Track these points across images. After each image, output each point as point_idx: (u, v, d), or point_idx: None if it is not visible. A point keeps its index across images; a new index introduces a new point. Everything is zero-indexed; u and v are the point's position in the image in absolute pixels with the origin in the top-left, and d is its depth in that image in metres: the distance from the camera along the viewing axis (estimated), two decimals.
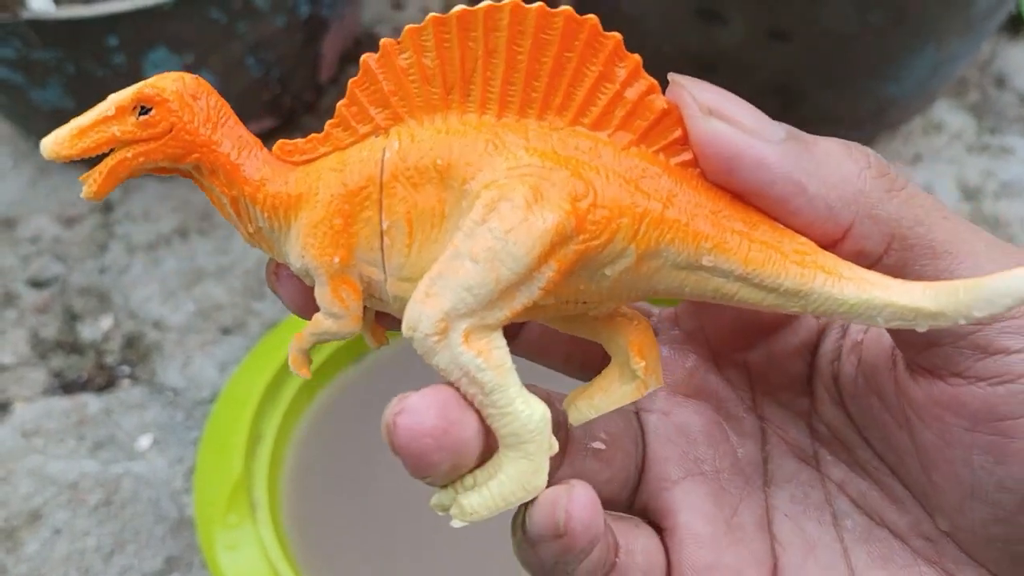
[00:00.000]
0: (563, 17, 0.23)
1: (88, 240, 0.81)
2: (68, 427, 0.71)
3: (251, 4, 0.72)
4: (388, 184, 0.23)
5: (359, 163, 0.24)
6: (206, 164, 0.24)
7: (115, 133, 0.23)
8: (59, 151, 0.23)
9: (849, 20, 0.69)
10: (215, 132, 0.24)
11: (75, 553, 0.66)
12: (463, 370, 0.23)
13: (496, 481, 0.23)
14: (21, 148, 0.87)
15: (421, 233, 0.24)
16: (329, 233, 0.24)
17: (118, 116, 0.23)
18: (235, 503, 0.58)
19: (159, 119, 0.23)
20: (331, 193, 0.24)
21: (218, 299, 0.77)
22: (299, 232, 0.24)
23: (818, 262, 0.24)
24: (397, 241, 0.24)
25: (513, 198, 0.22)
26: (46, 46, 0.69)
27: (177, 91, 0.24)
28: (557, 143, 0.23)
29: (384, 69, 0.24)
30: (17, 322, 0.77)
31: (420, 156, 0.23)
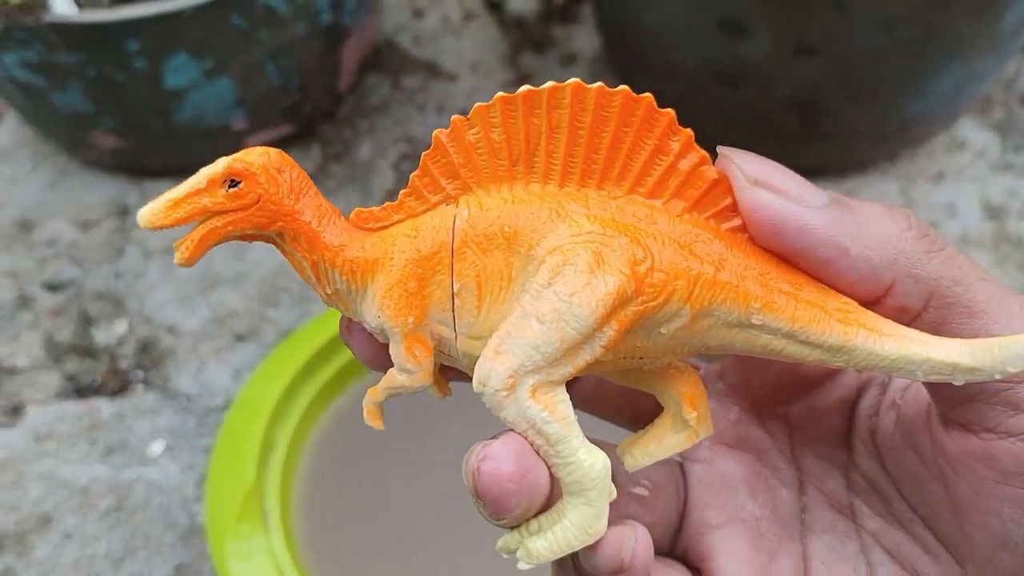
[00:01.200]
0: (621, 95, 0.25)
1: (104, 244, 0.81)
2: (80, 431, 0.71)
3: (272, 11, 0.72)
4: (459, 250, 0.25)
5: (431, 230, 0.26)
6: (289, 232, 0.26)
7: (206, 204, 0.25)
8: (155, 222, 0.25)
9: (875, 36, 0.69)
10: (297, 202, 0.26)
11: (85, 559, 0.65)
12: (530, 423, 0.25)
13: (561, 526, 0.25)
14: (41, 151, 0.87)
15: (489, 295, 0.26)
16: (404, 295, 0.25)
17: (209, 188, 0.25)
18: (247, 512, 0.58)
19: (247, 191, 0.25)
20: (406, 258, 0.26)
21: (233, 306, 0.77)
22: (375, 294, 0.26)
23: (860, 320, 0.25)
24: (467, 302, 0.26)
25: (577, 263, 0.24)
26: (68, 50, 0.69)
27: (263, 165, 0.25)
28: (616, 211, 0.26)
29: (454, 143, 0.26)
30: (32, 325, 0.76)
31: (488, 224, 0.25)
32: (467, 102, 0.91)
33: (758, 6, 0.69)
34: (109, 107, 0.75)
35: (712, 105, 0.80)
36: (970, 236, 0.81)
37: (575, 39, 0.96)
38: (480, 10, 0.98)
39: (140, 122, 0.77)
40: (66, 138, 0.83)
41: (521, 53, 0.94)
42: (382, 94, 0.92)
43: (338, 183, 0.84)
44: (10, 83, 0.74)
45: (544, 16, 0.97)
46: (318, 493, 0.62)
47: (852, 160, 0.84)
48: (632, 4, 0.79)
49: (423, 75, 0.93)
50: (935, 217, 0.82)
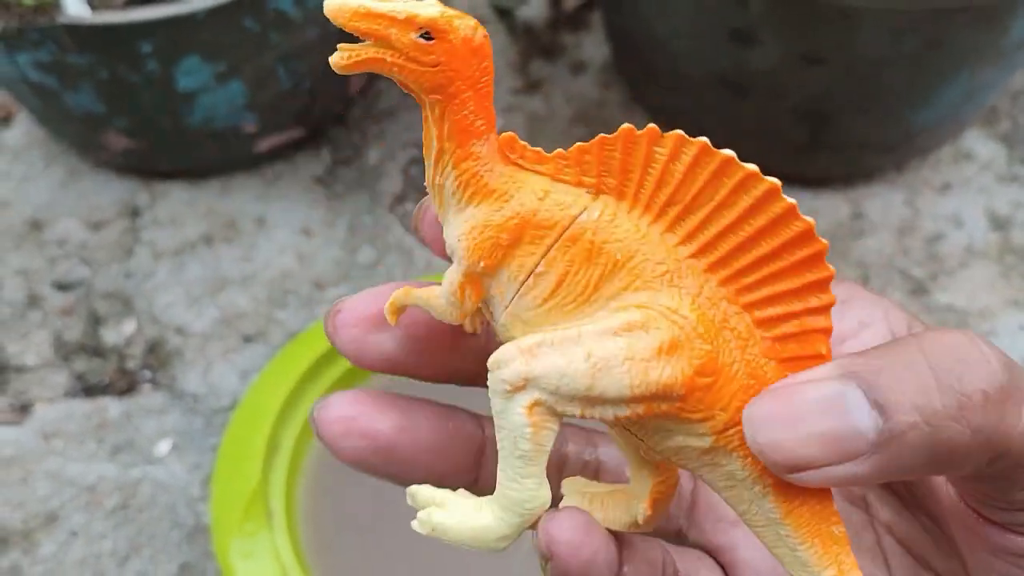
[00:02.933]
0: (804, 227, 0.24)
1: (114, 244, 0.81)
2: (88, 430, 0.71)
3: (284, 15, 0.73)
4: (566, 240, 0.24)
5: (558, 206, 0.24)
6: (442, 110, 0.24)
7: (391, 35, 0.23)
8: (338, 14, 0.23)
9: (883, 46, 0.69)
10: (467, 91, 0.24)
11: (91, 556, 0.66)
12: (510, 428, 0.24)
13: (470, 519, 0.25)
14: (52, 151, 0.88)
15: (562, 297, 0.24)
16: (491, 240, 0.24)
17: (403, 24, 0.23)
18: (252, 511, 0.58)
19: (432, 51, 0.23)
20: (518, 211, 0.24)
21: (241, 307, 0.77)
22: (471, 219, 0.24)
23: (839, 558, 0.25)
24: (538, 288, 0.24)
25: (652, 336, 0.23)
26: (80, 51, 0.69)
27: (464, 39, 0.24)
28: (721, 315, 0.24)
29: (631, 148, 0.24)
30: (41, 324, 0.77)
31: (606, 240, 0.24)
32: None
33: (766, 16, 0.70)
34: (121, 108, 0.76)
35: (720, 114, 0.80)
36: (975, 247, 0.81)
37: (584, 47, 0.96)
38: (490, 17, 0.99)
39: (151, 123, 0.78)
40: (78, 139, 0.84)
41: (530, 60, 0.95)
42: (392, 99, 0.92)
43: (347, 187, 0.85)
44: (23, 83, 0.74)
45: (553, 24, 0.98)
46: (322, 493, 0.63)
47: (859, 170, 0.85)
48: (641, 13, 0.79)
49: None
50: (941, 227, 0.83)
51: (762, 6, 0.69)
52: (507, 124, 0.90)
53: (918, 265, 0.80)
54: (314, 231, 0.82)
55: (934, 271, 0.80)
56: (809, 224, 0.23)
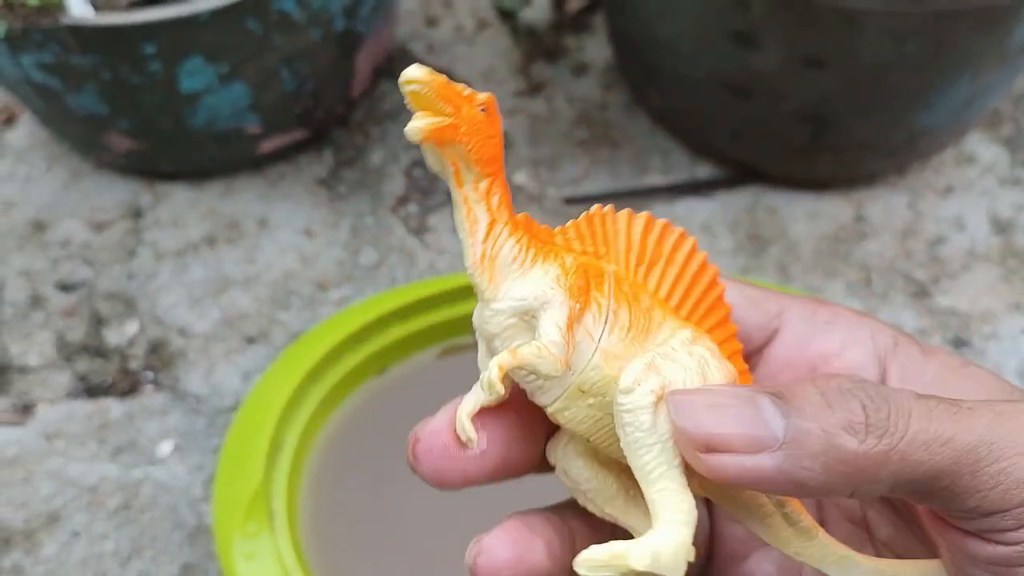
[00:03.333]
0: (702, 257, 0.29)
1: (117, 245, 0.82)
2: (90, 431, 0.71)
3: (287, 16, 0.73)
4: (616, 283, 0.27)
5: (590, 263, 0.27)
6: (492, 182, 0.26)
7: (462, 108, 0.25)
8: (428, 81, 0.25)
9: (885, 49, 0.69)
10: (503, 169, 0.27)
11: (92, 557, 0.66)
12: (662, 437, 0.26)
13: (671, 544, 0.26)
14: (55, 152, 0.88)
15: (637, 327, 0.27)
16: (579, 282, 0.26)
17: (469, 100, 0.25)
18: (254, 512, 0.58)
19: (493, 123, 0.26)
20: (577, 263, 0.27)
21: (244, 308, 0.77)
22: (548, 272, 0.26)
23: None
24: (620, 322, 0.27)
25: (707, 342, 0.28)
26: (84, 52, 0.69)
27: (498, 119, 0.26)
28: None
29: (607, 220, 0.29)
30: (44, 324, 0.77)
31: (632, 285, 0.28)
32: None
33: (768, 19, 0.70)
34: (124, 109, 0.76)
35: (722, 116, 0.80)
36: (977, 250, 0.81)
37: (587, 49, 0.96)
38: (493, 19, 0.99)
39: (154, 125, 0.78)
40: (81, 140, 0.84)
41: (533, 62, 0.95)
42: (395, 101, 0.92)
43: (350, 188, 0.85)
44: (26, 84, 0.75)
45: (556, 26, 0.98)
46: (325, 494, 0.63)
47: (861, 173, 0.85)
48: (644, 15, 0.79)
49: None
50: (943, 231, 0.83)
51: (764, 9, 0.69)
52: (510, 126, 0.90)
53: (920, 268, 0.80)
54: (316, 232, 0.82)
55: (936, 274, 0.80)
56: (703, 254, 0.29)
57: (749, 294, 0.31)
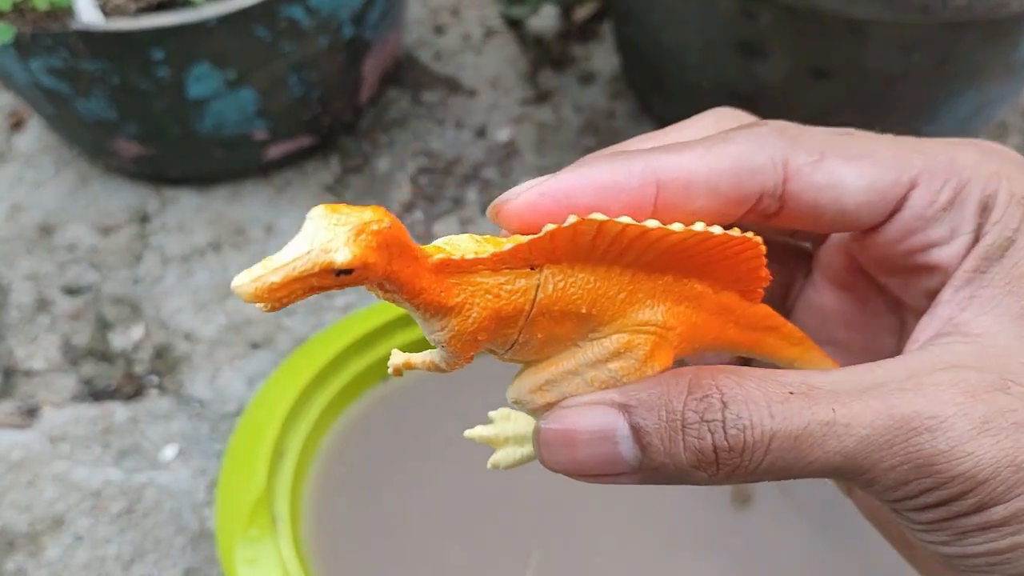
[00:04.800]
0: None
1: (124, 250, 0.82)
2: (94, 434, 0.71)
3: (295, 23, 0.73)
4: (534, 317, 0.27)
5: (512, 295, 0.27)
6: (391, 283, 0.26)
7: (313, 284, 0.24)
8: (259, 297, 0.23)
9: (891, 60, 0.69)
10: (394, 263, 0.25)
11: (95, 560, 0.66)
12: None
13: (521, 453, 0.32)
14: (63, 157, 0.89)
15: (549, 349, 0.28)
16: (472, 342, 0.27)
17: (320, 275, 0.23)
18: (256, 517, 0.58)
19: (356, 278, 0.24)
20: (483, 316, 0.26)
21: (249, 314, 0.78)
22: (446, 332, 0.27)
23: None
24: (526, 349, 0.28)
25: (635, 352, 0.27)
26: (93, 57, 0.70)
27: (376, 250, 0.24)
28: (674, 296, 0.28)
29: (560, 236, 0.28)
30: (50, 328, 0.77)
31: (568, 303, 0.27)
32: (486, 118, 0.92)
33: (775, 29, 0.70)
34: (132, 115, 0.76)
35: None
36: None
37: (594, 58, 0.97)
38: (500, 27, 0.99)
39: (162, 130, 0.78)
40: (89, 144, 0.84)
41: (540, 70, 0.95)
42: (402, 108, 0.92)
43: (356, 195, 0.85)
44: (36, 89, 0.75)
45: (563, 34, 0.98)
46: (327, 500, 0.63)
47: None
48: (651, 25, 0.79)
49: (443, 90, 0.94)
50: None
51: (770, 19, 0.69)
52: (517, 134, 0.90)
53: None
54: None
55: None
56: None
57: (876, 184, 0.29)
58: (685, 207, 0.28)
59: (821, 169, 0.29)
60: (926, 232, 0.29)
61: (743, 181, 0.28)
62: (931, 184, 0.29)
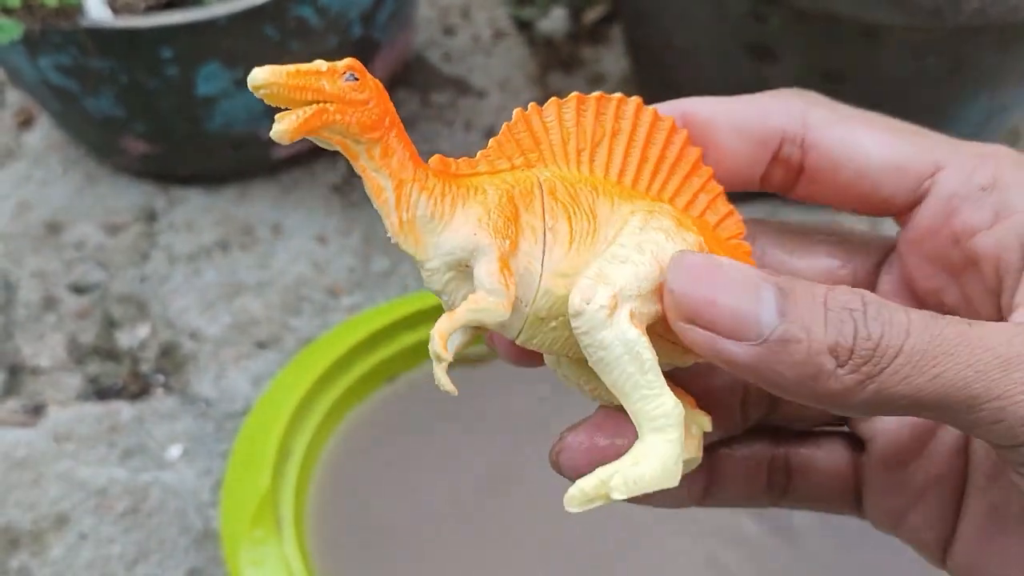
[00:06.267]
0: (671, 122, 0.29)
1: (131, 248, 0.82)
2: (100, 433, 0.71)
3: (305, 22, 0.73)
4: (548, 194, 0.26)
5: (519, 179, 0.26)
6: (385, 144, 0.25)
7: (324, 86, 0.24)
8: (271, 80, 0.23)
9: (903, 65, 0.69)
10: (395, 123, 0.25)
11: (99, 560, 0.66)
12: (628, 346, 0.25)
13: (655, 460, 0.25)
14: (71, 155, 0.88)
15: (579, 235, 0.26)
16: (504, 217, 0.25)
17: (329, 73, 0.24)
18: (261, 518, 0.58)
19: (363, 88, 0.24)
20: (500, 191, 0.26)
21: (255, 313, 0.77)
22: (469, 216, 0.25)
23: None
24: (560, 238, 0.26)
25: (663, 219, 0.27)
26: (102, 55, 0.70)
27: (381, 96, 0.25)
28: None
29: (532, 121, 0.27)
30: (56, 326, 0.77)
31: (572, 184, 0.27)
32: (496, 119, 0.91)
33: (785, 32, 0.70)
34: (140, 113, 0.76)
35: None
36: None
37: (604, 60, 0.96)
38: (510, 29, 0.99)
39: (170, 129, 0.78)
40: (97, 142, 0.84)
41: (549, 72, 0.95)
42: (411, 109, 0.92)
43: (363, 196, 0.85)
44: (44, 86, 0.75)
45: (573, 36, 0.98)
46: (333, 501, 0.63)
47: None
48: (661, 27, 0.79)
49: (452, 91, 0.94)
50: None
51: (782, 21, 0.69)
52: None
53: None
54: (329, 239, 0.82)
55: None
56: (671, 119, 0.29)
57: (896, 155, 0.29)
58: (712, 148, 0.28)
59: (841, 125, 0.29)
60: (966, 213, 0.28)
61: (765, 120, 0.29)
62: (960, 167, 0.29)
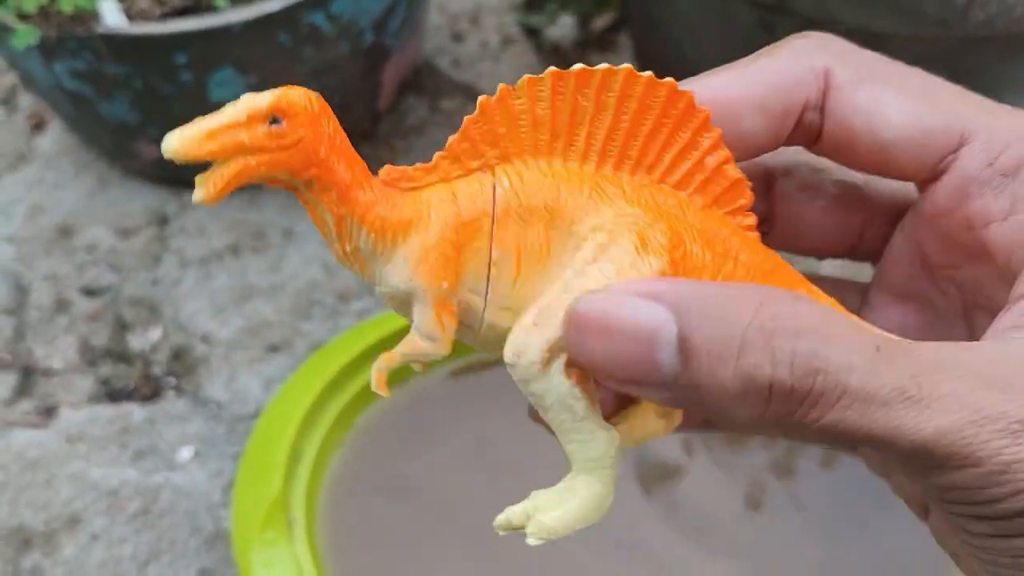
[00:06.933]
0: (667, 87, 0.25)
1: (143, 252, 0.82)
2: (111, 435, 0.72)
3: (318, 29, 0.74)
4: (500, 218, 0.25)
5: (470, 196, 0.25)
6: (320, 181, 0.24)
7: (244, 140, 0.23)
8: (187, 151, 0.22)
9: None
10: (333, 152, 0.24)
11: (111, 560, 0.66)
12: (559, 398, 0.24)
13: (576, 503, 0.25)
14: (83, 159, 0.89)
15: (527, 267, 0.25)
16: (441, 259, 0.24)
17: (249, 124, 0.23)
18: (272, 520, 0.58)
19: (289, 132, 0.23)
20: (444, 221, 0.24)
21: (267, 317, 0.78)
22: (408, 256, 0.24)
23: None
24: (504, 272, 0.25)
25: (623, 243, 0.24)
26: (117, 60, 0.70)
27: (306, 107, 0.24)
28: (649, 198, 0.26)
29: (499, 110, 0.25)
30: (68, 329, 0.78)
31: (530, 196, 0.25)
32: None
33: None
34: (154, 118, 0.77)
35: None
36: None
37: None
38: (518, 36, 1.00)
39: None
40: (110, 147, 0.85)
41: None
42: (420, 115, 0.93)
43: None
44: (58, 91, 0.76)
45: (581, 43, 0.99)
46: (343, 505, 0.63)
47: None
48: (670, 35, 0.80)
49: (461, 98, 0.95)
50: None
51: (789, 31, 0.69)
52: None
53: None
54: None
55: None
56: (669, 82, 0.25)
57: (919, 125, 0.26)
58: (733, 129, 0.26)
59: (864, 90, 0.27)
60: (982, 199, 0.26)
61: (786, 92, 0.26)
62: (989, 144, 0.26)
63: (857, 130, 0.26)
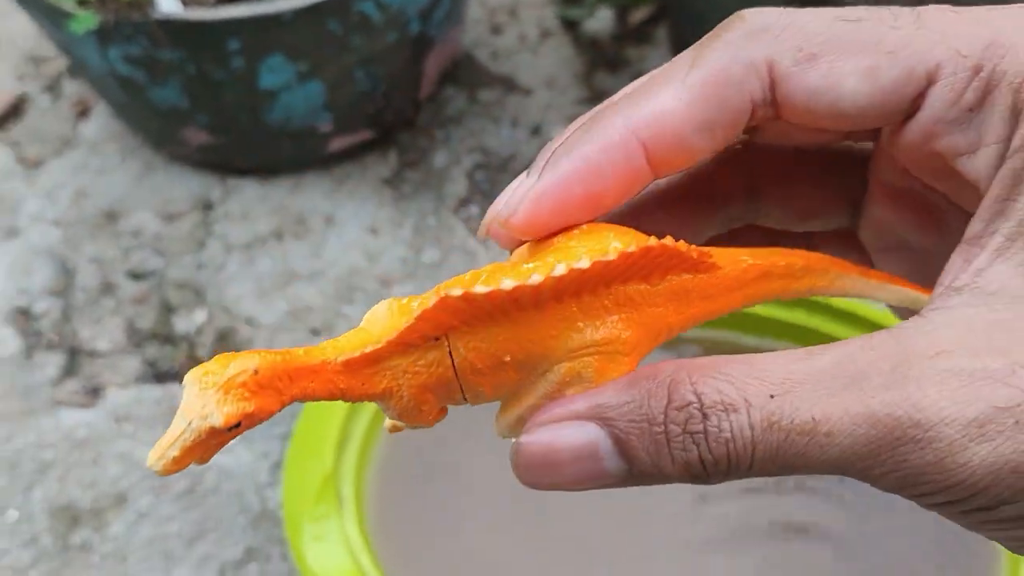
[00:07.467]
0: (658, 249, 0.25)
1: (188, 237, 0.84)
2: (157, 415, 0.73)
3: (367, 18, 0.75)
4: (464, 377, 0.25)
5: (429, 367, 0.25)
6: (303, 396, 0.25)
7: (211, 444, 0.24)
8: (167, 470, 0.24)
9: None
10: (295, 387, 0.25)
11: (158, 537, 0.67)
12: None
13: None
14: (129, 145, 0.90)
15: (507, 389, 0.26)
16: (418, 413, 0.26)
17: (212, 435, 0.24)
18: (323, 496, 0.59)
19: (246, 425, 0.24)
20: (414, 392, 0.25)
21: (309, 301, 0.79)
22: (393, 411, 0.26)
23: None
24: (481, 399, 0.26)
25: (584, 374, 0.25)
26: (171, 46, 0.72)
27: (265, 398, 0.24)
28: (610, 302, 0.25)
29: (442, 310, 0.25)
30: (115, 311, 0.79)
31: (489, 358, 0.25)
32: (541, 117, 0.93)
33: None
34: (204, 104, 0.78)
35: None
36: None
37: (649, 60, 0.98)
38: (556, 28, 1.01)
39: (232, 120, 0.80)
40: (156, 133, 0.86)
41: (595, 72, 0.96)
42: (459, 105, 0.94)
43: (414, 188, 0.87)
44: (111, 76, 0.77)
45: (619, 36, 0.99)
46: (390, 482, 0.64)
47: None
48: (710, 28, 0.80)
49: (499, 89, 0.96)
50: None
51: None
52: None
53: None
54: (381, 230, 0.84)
55: None
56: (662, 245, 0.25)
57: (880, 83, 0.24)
58: (681, 152, 0.25)
59: (814, 70, 0.25)
60: (950, 137, 0.25)
61: (729, 105, 0.25)
62: (955, 79, 0.24)
63: (816, 112, 0.25)
